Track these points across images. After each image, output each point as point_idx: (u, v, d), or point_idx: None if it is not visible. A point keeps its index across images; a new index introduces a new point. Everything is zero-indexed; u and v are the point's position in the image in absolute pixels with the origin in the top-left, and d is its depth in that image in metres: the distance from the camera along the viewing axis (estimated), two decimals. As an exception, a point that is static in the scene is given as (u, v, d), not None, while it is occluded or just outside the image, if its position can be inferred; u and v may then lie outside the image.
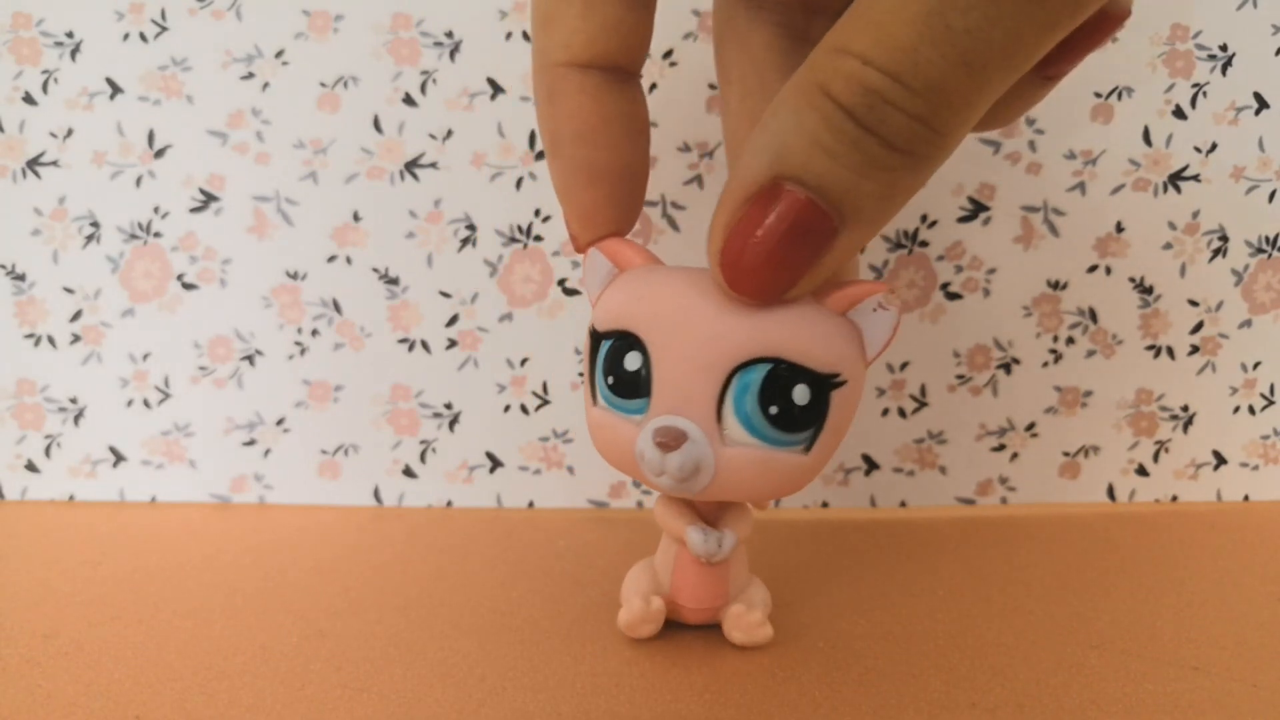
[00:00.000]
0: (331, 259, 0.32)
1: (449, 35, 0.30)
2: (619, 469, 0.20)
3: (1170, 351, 0.32)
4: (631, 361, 0.19)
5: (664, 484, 0.19)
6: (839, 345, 0.18)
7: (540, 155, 0.31)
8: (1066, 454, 0.33)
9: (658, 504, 0.22)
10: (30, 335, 0.32)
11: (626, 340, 0.19)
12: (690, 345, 0.18)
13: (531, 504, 0.33)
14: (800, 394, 0.18)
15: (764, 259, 0.16)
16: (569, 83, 0.19)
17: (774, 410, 0.18)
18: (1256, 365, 0.32)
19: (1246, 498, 0.33)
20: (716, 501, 0.21)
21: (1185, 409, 0.33)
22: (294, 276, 0.32)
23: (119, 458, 0.33)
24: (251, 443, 0.33)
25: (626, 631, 0.22)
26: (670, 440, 0.18)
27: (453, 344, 0.32)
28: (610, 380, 0.19)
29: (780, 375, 0.18)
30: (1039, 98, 0.19)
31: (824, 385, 0.18)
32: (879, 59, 0.14)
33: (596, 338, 0.20)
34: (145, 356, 0.32)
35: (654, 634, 0.22)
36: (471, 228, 0.31)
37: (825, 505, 0.33)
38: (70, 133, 0.31)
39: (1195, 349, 0.32)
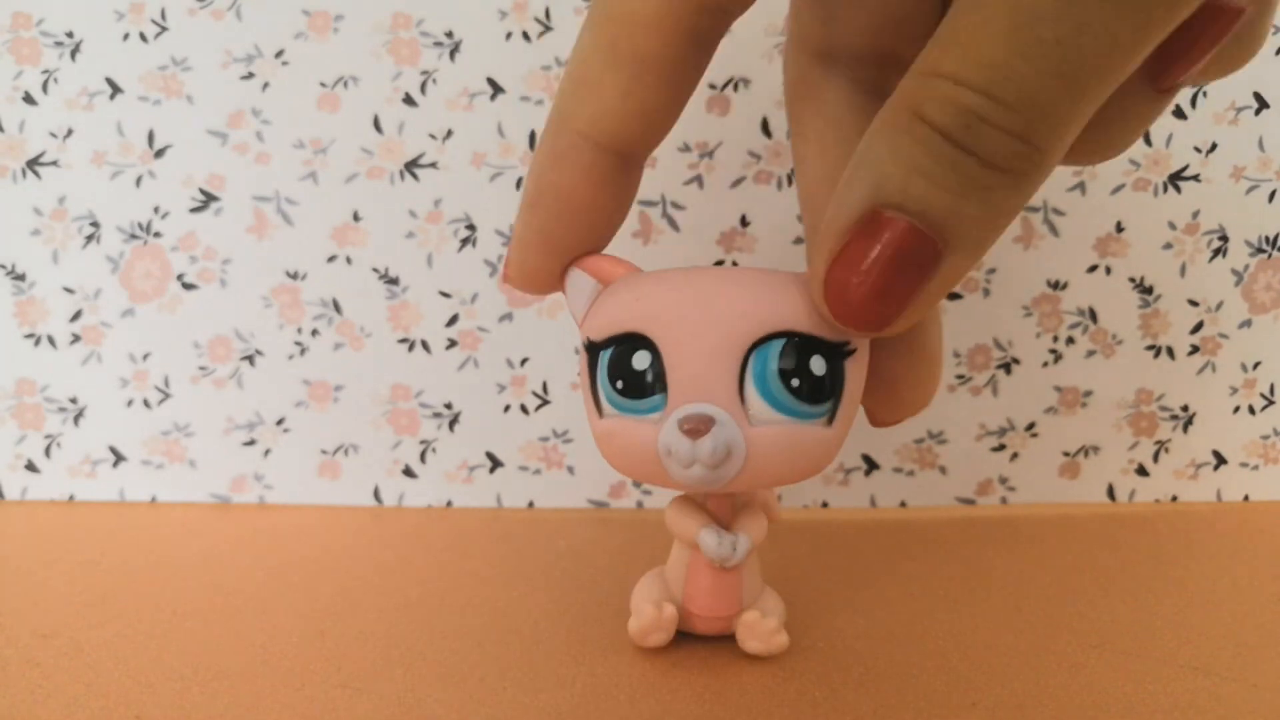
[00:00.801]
0: (331, 259, 0.32)
1: (449, 35, 0.30)
2: (636, 475, 0.19)
3: (1170, 351, 0.32)
4: (640, 360, 0.18)
5: (694, 475, 0.18)
6: None
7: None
8: (1066, 454, 0.33)
9: (669, 508, 0.21)
10: (30, 335, 0.32)
11: (631, 342, 0.19)
12: (702, 332, 0.18)
13: (531, 504, 0.33)
14: (817, 365, 0.18)
15: (871, 288, 0.16)
16: (580, 157, 0.19)
17: (795, 382, 0.18)
18: (1256, 365, 0.32)
19: (1246, 498, 0.33)
20: (730, 505, 0.21)
21: (1185, 409, 0.33)
22: (294, 276, 0.32)
23: (119, 458, 0.33)
24: (251, 443, 0.33)
25: (637, 640, 0.21)
26: (700, 425, 0.18)
27: (453, 344, 0.32)
28: (619, 385, 0.19)
29: (796, 347, 0.18)
30: (1155, 115, 0.18)
31: (838, 354, 0.18)
32: (971, 78, 0.14)
33: (595, 349, 0.19)
34: (145, 356, 0.32)
35: (665, 643, 0.22)
36: (471, 228, 0.31)
37: (825, 505, 0.33)
38: (70, 133, 0.31)
39: (1195, 349, 0.32)
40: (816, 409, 0.18)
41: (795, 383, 0.18)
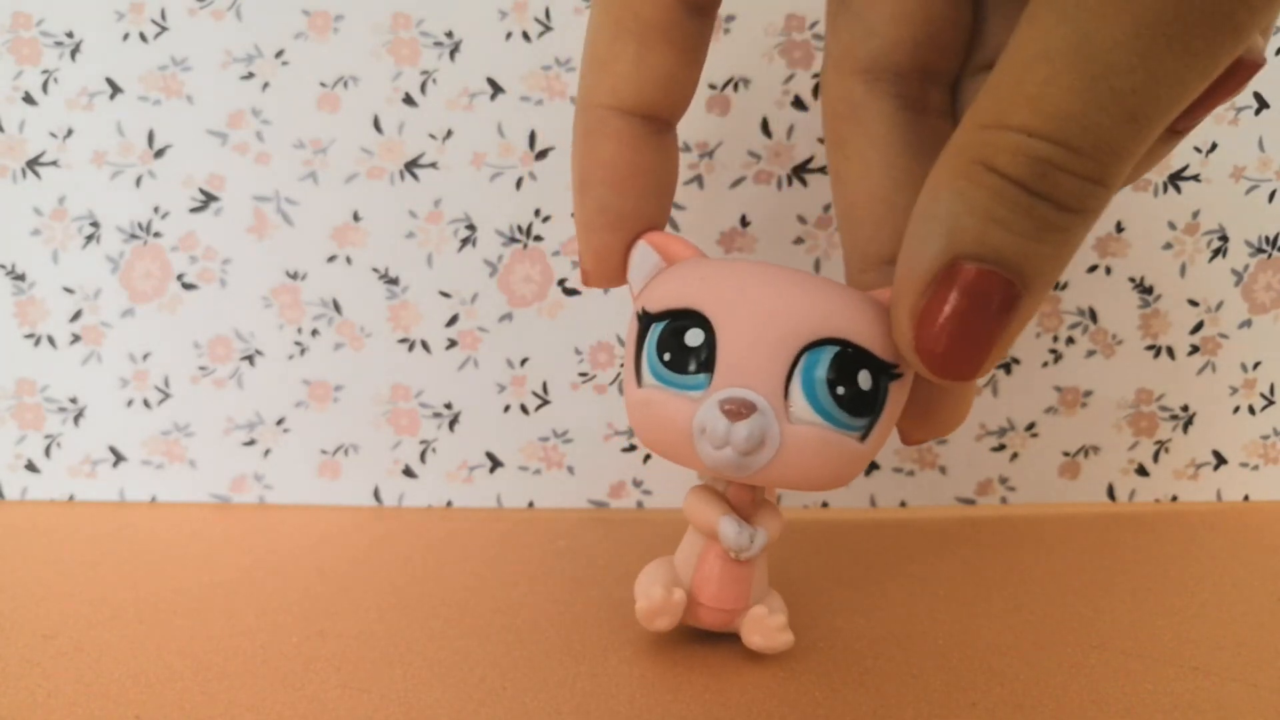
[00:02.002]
0: (331, 259, 0.32)
1: (449, 35, 0.30)
2: (662, 449, 0.20)
3: (1170, 351, 0.32)
4: (693, 338, 0.19)
5: (723, 457, 0.18)
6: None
7: (540, 155, 0.31)
8: (1066, 454, 0.33)
9: (690, 496, 0.21)
10: (30, 335, 0.32)
11: (688, 318, 0.19)
12: (760, 322, 0.18)
13: (531, 504, 0.33)
14: (864, 379, 0.18)
15: (959, 336, 0.16)
16: (609, 127, 0.19)
17: (840, 391, 0.18)
18: (1256, 365, 0.32)
19: (1246, 498, 0.33)
20: (751, 499, 0.21)
21: (1185, 409, 0.33)
22: (294, 276, 0.32)
23: (119, 458, 0.33)
24: (251, 443, 0.33)
25: (643, 622, 0.21)
26: (741, 408, 0.18)
27: (453, 344, 0.32)
28: (666, 357, 0.19)
29: (847, 357, 0.18)
30: (1164, 154, 0.19)
31: (886, 374, 0.19)
32: (1045, 130, 0.14)
33: (647, 320, 0.20)
34: (145, 356, 0.32)
35: (670, 627, 0.21)
36: (471, 228, 0.31)
37: (825, 505, 0.33)
38: (70, 133, 0.31)
39: (1195, 349, 0.32)
40: (855, 421, 0.19)
41: (841, 391, 0.18)
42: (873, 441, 0.19)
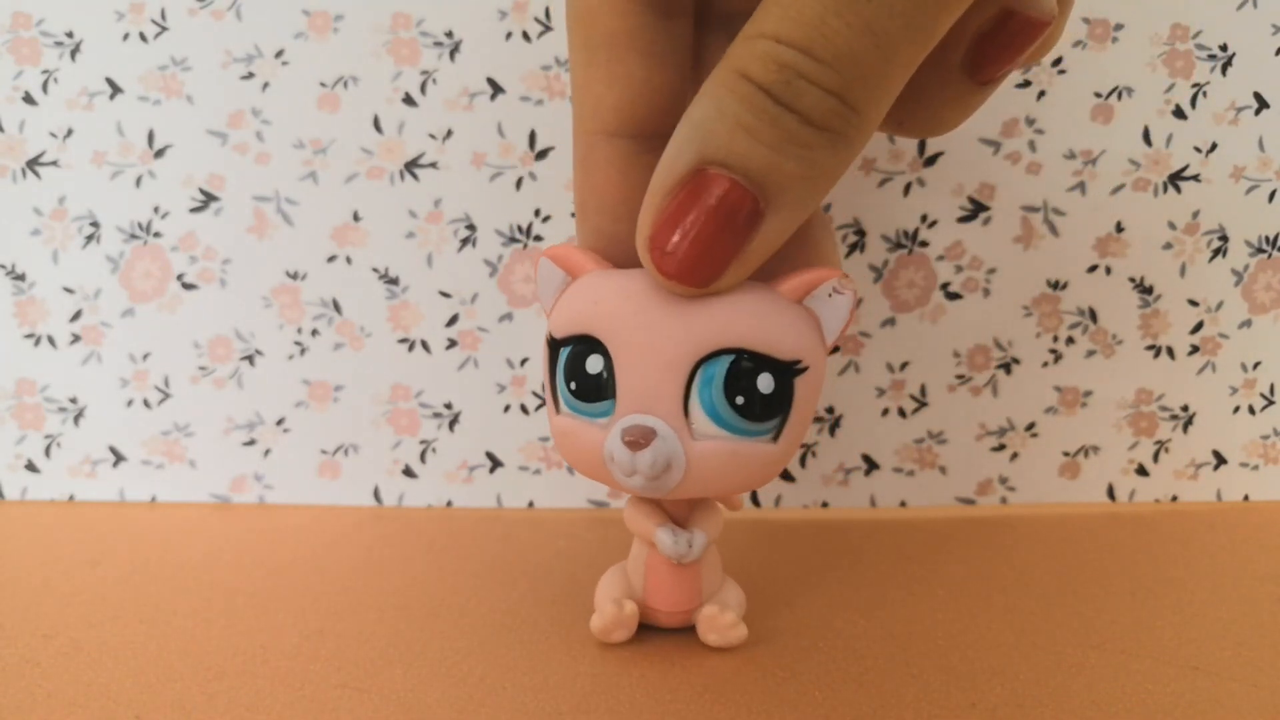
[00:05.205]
0: (331, 259, 0.32)
1: (449, 35, 0.30)
2: (588, 475, 0.20)
3: (1170, 351, 0.32)
4: (593, 364, 0.19)
5: (635, 484, 0.18)
6: (798, 332, 0.19)
7: (540, 155, 0.31)
8: (1066, 454, 0.33)
9: (627, 507, 0.22)
10: (30, 335, 0.32)
11: (587, 344, 0.19)
12: (652, 343, 0.18)
13: (531, 504, 0.33)
14: (764, 383, 0.18)
15: (694, 244, 0.16)
16: (599, 153, 0.19)
17: (740, 400, 0.18)
18: (1256, 365, 0.32)
19: (1246, 498, 0.33)
20: (686, 502, 0.21)
21: (1185, 409, 0.33)
22: (294, 276, 0.32)
23: (119, 458, 0.33)
24: (251, 443, 0.33)
25: (600, 637, 0.22)
26: (639, 438, 0.18)
27: (453, 344, 0.32)
28: (572, 386, 0.19)
29: (743, 366, 0.18)
30: (980, 101, 0.19)
31: (787, 373, 0.18)
32: (791, 36, 0.15)
33: (555, 346, 0.19)
34: (145, 356, 0.32)
35: (627, 638, 0.22)
36: (471, 228, 0.31)
37: (825, 505, 0.33)
38: (70, 133, 0.31)
39: (1195, 349, 0.32)
40: (760, 426, 0.18)
41: (740, 400, 0.18)
42: (787, 440, 0.19)
